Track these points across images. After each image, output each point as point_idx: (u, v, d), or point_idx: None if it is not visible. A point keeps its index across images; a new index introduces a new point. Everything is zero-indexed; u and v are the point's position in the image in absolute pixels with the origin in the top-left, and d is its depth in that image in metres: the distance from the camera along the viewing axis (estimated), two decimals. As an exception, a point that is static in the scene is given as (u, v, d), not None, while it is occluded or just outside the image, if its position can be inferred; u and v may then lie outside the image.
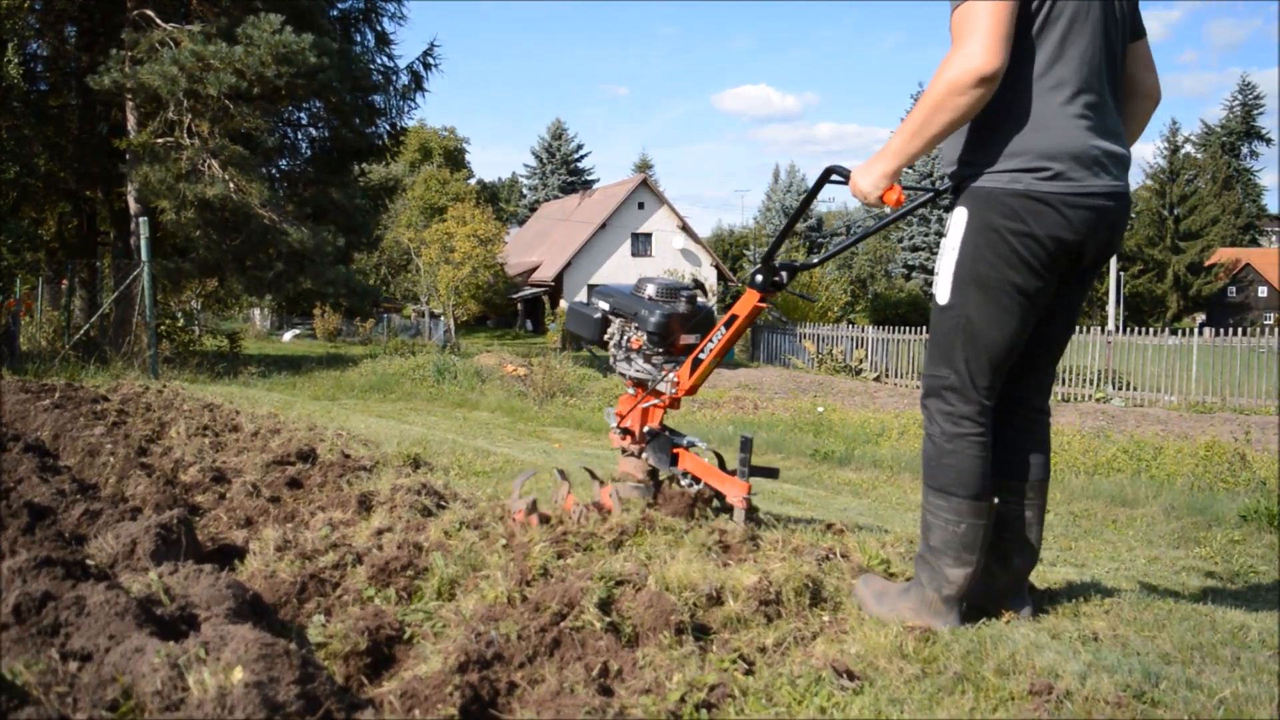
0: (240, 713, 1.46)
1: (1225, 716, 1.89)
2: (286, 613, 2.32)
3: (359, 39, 19.86)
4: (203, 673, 1.55)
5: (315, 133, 19.79)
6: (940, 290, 2.44)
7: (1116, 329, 26.51)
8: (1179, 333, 18.99)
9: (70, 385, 7.68)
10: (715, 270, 42.75)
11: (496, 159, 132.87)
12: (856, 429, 12.32)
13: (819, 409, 14.28)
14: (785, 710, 1.88)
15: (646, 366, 3.50)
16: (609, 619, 2.13)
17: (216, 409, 6.69)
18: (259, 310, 40.14)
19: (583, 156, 64.61)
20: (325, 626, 2.13)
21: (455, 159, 62.80)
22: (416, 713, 1.72)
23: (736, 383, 18.77)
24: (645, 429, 3.48)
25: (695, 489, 3.38)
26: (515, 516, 3.19)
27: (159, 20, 15.19)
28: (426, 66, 20.38)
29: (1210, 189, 62.82)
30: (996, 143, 2.33)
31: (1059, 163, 2.27)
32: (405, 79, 20.28)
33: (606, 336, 3.67)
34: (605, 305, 3.67)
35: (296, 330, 38.65)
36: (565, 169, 63.34)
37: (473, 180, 62.93)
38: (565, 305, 38.00)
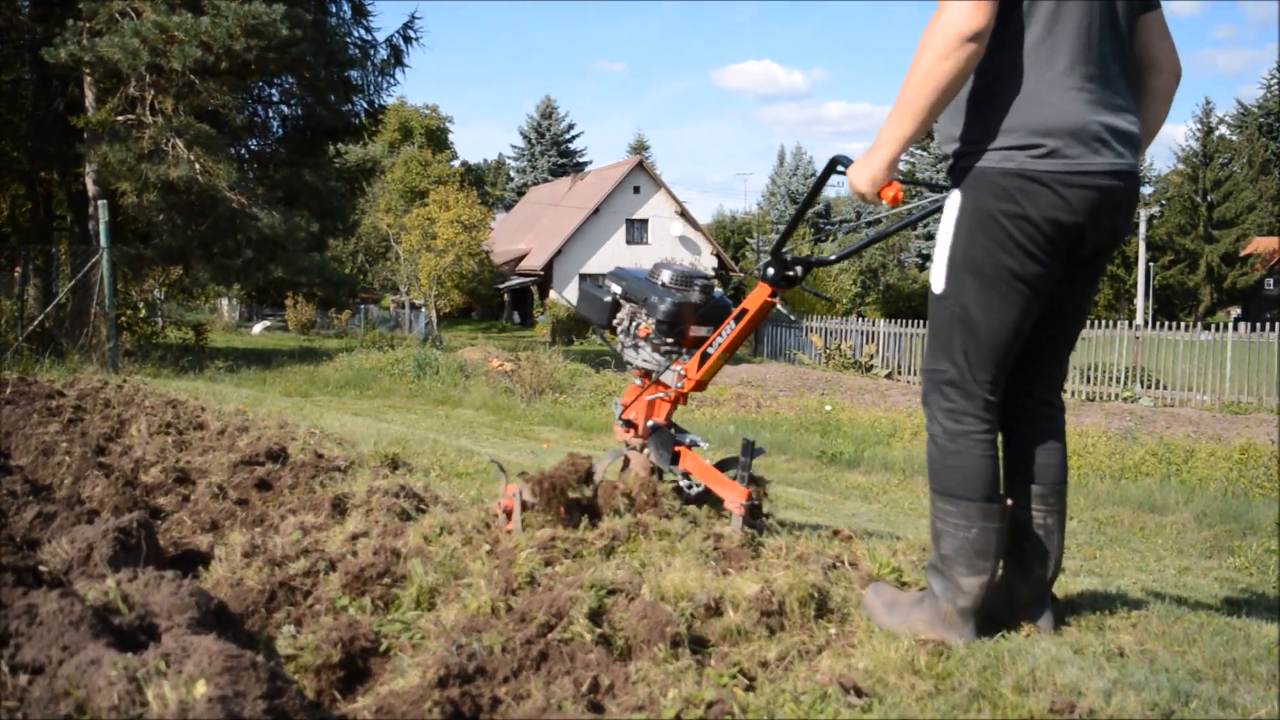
0: (203, 730, 1.45)
1: (1259, 736, 1.89)
2: (254, 623, 2.32)
3: (334, 10, 19.75)
4: (163, 686, 1.54)
5: (287, 110, 19.72)
6: (935, 278, 2.45)
7: (1145, 324, 26.61)
8: (1212, 328, 19.04)
9: (23, 380, 7.67)
10: (716, 259, 42.80)
11: (482, 139, 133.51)
12: (866, 429, 12.34)
13: (826, 408, 14.30)
14: (789, 728, 1.88)
15: (655, 356, 3.53)
16: (600, 630, 2.13)
17: (180, 405, 6.68)
18: (227, 300, 40.09)
19: (574, 137, 64.71)
20: (296, 638, 2.13)
21: (438, 139, 62.79)
22: (393, 730, 1.72)
23: (738, 379, 18.79)
24: (649, 422, 3.49)
25: (695, 491, 3.38)
26: (503, 504, 3.21)
27: (119, -12, 15.15)
28: (407, 40, 20.34)
29: (1246, 173, 62.79)
30: (988, 119, 2.33)
31: (1054, 139, 2.26)
32: (384, 53, 20.22)
33: (615, 322, 3.70)
34: (617, 288, 3.70)
35: (267, 322, 38.62)
36: (555, 150, 63.39)
37: (456, 162, 62.96)
38: (555, 296, 38.16)
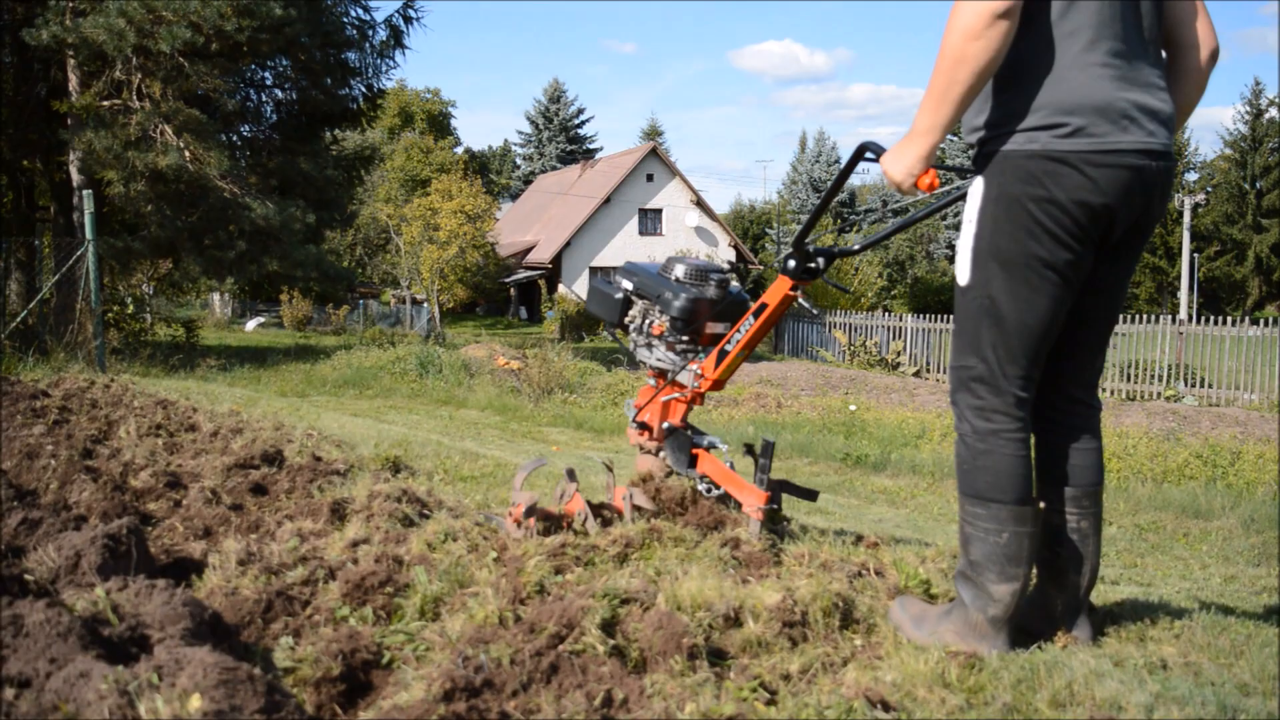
0: (198, 745, 1.47)
1: (1311, 754, 1.89)
2: (250, 634, 2.33)
3: (330, -12, 19.84)
4: (156, 700, 1.56)
5: (281, 95, 19.79)
6: (960, 270, 2.45)
7: (1189, 318, 26.46)
8: (1260, 322, 18.91)
9: (6, 379, 7.72)
10: (734, 250, 42.76)
11: (486, 125, 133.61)
12: (893, 430, 12.32)
13: (851, 407, 14.27)
14: (812, 745, 1.89)
15: (669, 355, 3.52)
16: (613, 642, 2.13)
17: (171, 406, 6.71)
18: (219, 296, 40.24)
19: (584, 122, 64.66)
20: (294, 649, 2.14)
21: (440, 125, 62.88)
22: (396, 746, 1.73)
23: (758, 378, 18.77)
24: (664, 425, 3.49)
25: (714, 494, 3.40)
26: (512, 514, 3.20)
27: (104, -34, 15.20)
28: (407, 20, 20.37)
29: (1298, 159, 62.44)
30: (1009, 103, 2.34)
31: (1079, 117, 2.27)
32: (383, 34, 20.25)
33: (627, 320, 3.70)
34: (629, 285, 3.71)
35: (261, 318, 38.73)
36: (564, 136, 63.36)
37: (459, 149, 63.04)
38: (564, 290, 38.18)
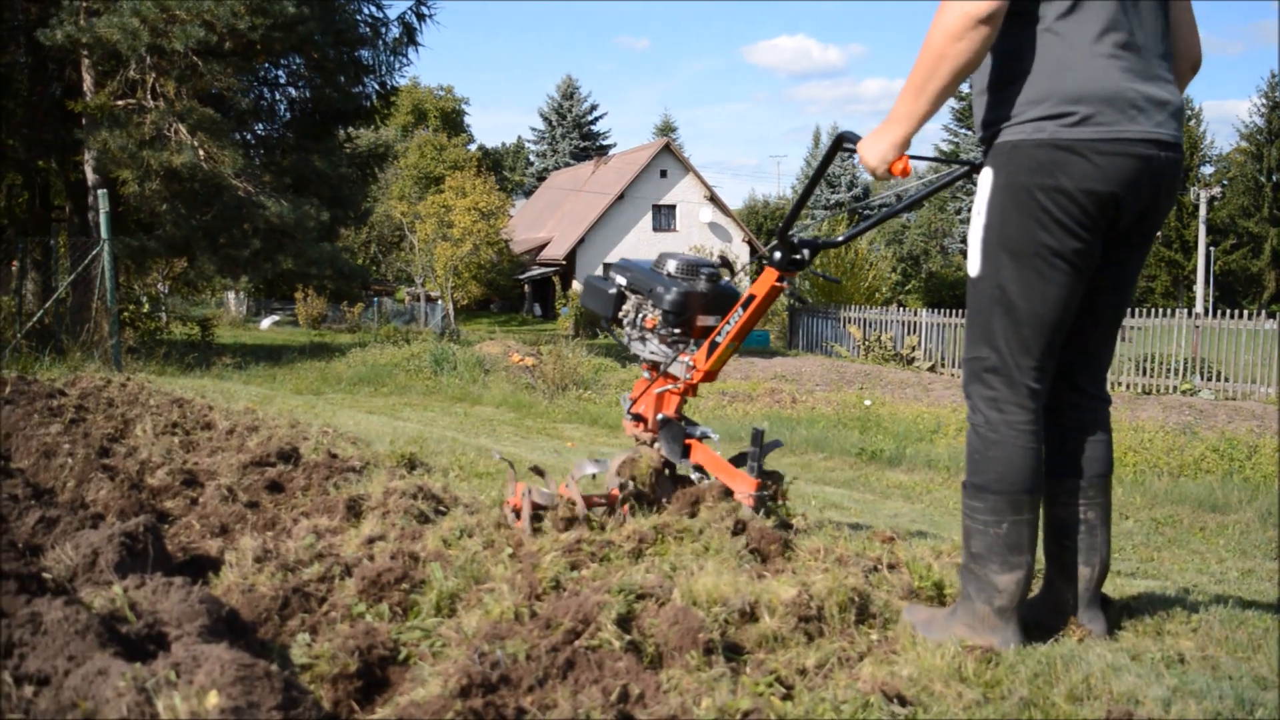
0: (216, 740, 1.47)
1: (1331, 748, 1.88)
2: (267, 631, 2.34)
3: (343, -14, 19.85)
4: (173, 697, 1.57)
5: (295, 93, 19.82)
6: (971, 261, 2.48)
7: (1205, 312, 26.26)
8: (1277, 316, 18.78)
9: (22, 379, 7.76)
10: (748, 246, 42.69)
11: (500, 122, 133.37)
12: (908, 425, 12.29)
13: (866, 402, 14.24)
14: (828, 740, 1.89)
15: (662, 348, 3.62)
16: (629, 637, 2.13)
17: (187, 404, 6.74)
18: (234, 294, 40.32)
19: (597, 119, 64.59)
20: (310, 646, 2.14)
21: (453, 122, 62.89)
22: (413, 742, 1.73)
23: (772, 373, 18.75)
24: (659, 416, 3.58)
25: (705, 484, 3.51)
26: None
27: (118, -34, 15.24)
28: (420, 17, 20.34)
29: (1316, 150, 61.88)
30: (1018, 92, 2.37)
31: (1087, 105, 2.29)
32: (396, 31, 20.23)
33: (621, 314, 3.80)
34: (622, 280, 3.81)
35: (276, 316, 38.84)
36: (577, 133, 63.32)
37: (473, 146, 63.03)
38: (578, 287, 38.15)
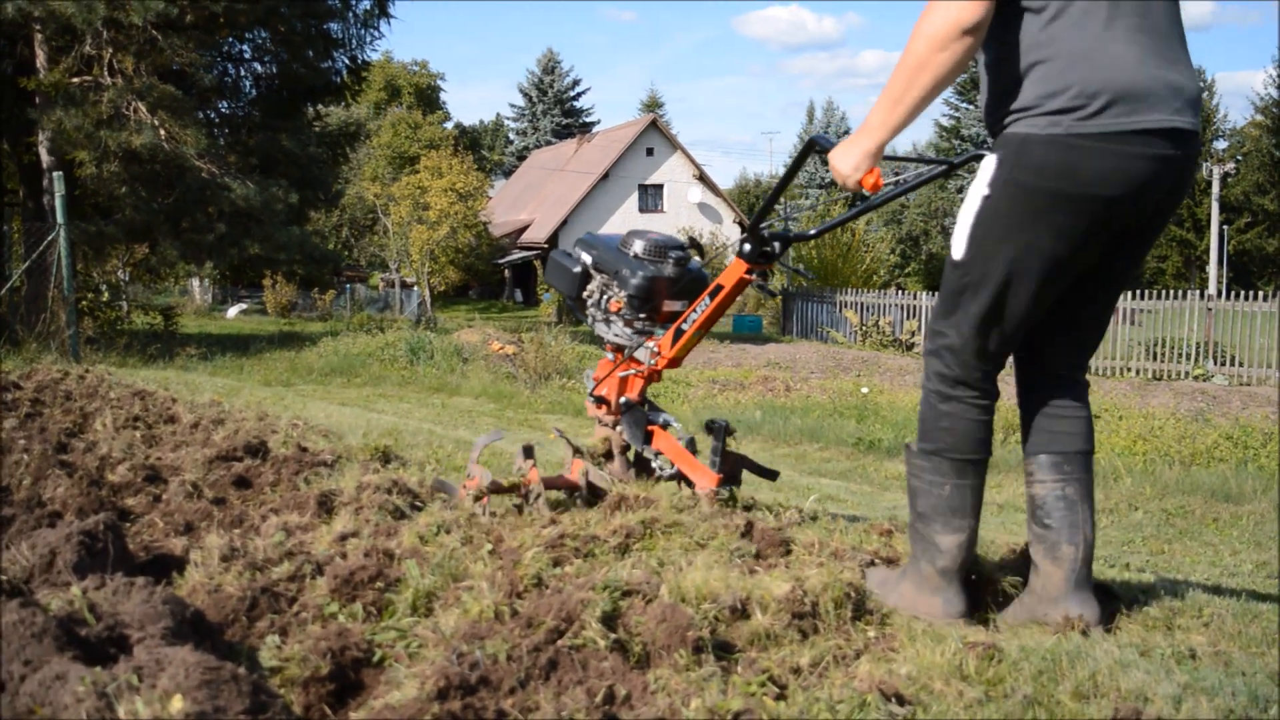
0: (180, 747, 1.47)
1: (1347, 745, 1.89)
2: (234, 633, 2.33)
3: (310, -44, 19.74)
4: (135, 702, 1.56)
5: (261, 69, 19.74)
6: (956, 244, 2.53)
7: (1218, 294, 26.41)
8: (1293, 297, 18.86)
9: (-24, 371, 7.72)
10: (739, 227, 42.70)
11: (477, 99, 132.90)
12: (908, 414, 12.31)
13: (863, 390, 14.28)
14: (824, 741, 1.89)
15: (626, 331, 3.63)
16: (615, 636, 2.14)
17: (149, 397, 6.71)
18: (198, 281, 40.21)
19: (580, 94, 64.49)
20: (280, 648, 2.14)
21: (428, 99, 62.74)
22: (388, 747, 1.73)
23: (765, 360, 18.78)
24: (622, 400, 3.61)
25: (668, 473, 3.56)
26: (467, 485, 3.43)
27: (71, -65, 15.13)
28: (392, -12, 20.33)
29: (1332, 124, 62.08)
30: (1032, 83, 2.39)
31: (1105, 95, 2.31)
32: (367, 3, 20.19)
33: (585, 294, 3.78)
34: (587, 258, 3.78)
35: (243, 305, 38.75)
36: (559, 109, 63.18)
37: (449, 124, 62.90)
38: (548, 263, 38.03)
